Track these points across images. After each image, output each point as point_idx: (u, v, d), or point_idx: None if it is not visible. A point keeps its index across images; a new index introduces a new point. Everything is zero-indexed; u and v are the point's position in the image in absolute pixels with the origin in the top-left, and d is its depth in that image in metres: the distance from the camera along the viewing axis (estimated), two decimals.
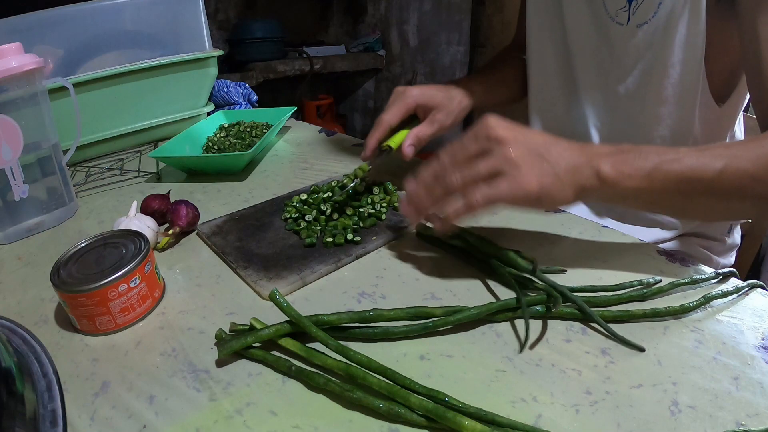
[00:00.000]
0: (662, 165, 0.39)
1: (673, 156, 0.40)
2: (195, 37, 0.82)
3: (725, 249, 0.70)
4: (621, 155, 0.39)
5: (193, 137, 0.76)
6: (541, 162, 0.38)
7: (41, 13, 0.69)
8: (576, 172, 0.39)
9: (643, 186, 0.39)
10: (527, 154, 0.38)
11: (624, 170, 0.39)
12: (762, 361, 0.32)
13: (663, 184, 0.39)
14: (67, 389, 0.32)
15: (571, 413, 0.29)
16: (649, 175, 0.39)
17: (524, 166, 0.38)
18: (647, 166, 0.39)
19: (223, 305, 0.40)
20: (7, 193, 0.52)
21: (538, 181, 0.38)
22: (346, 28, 2.86)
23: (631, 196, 0.40)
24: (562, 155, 0.39)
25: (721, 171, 0.39)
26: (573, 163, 0.39)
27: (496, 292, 0.40)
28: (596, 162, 0.39)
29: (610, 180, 0.39)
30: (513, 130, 0.40)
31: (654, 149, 0.40)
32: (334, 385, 0.30)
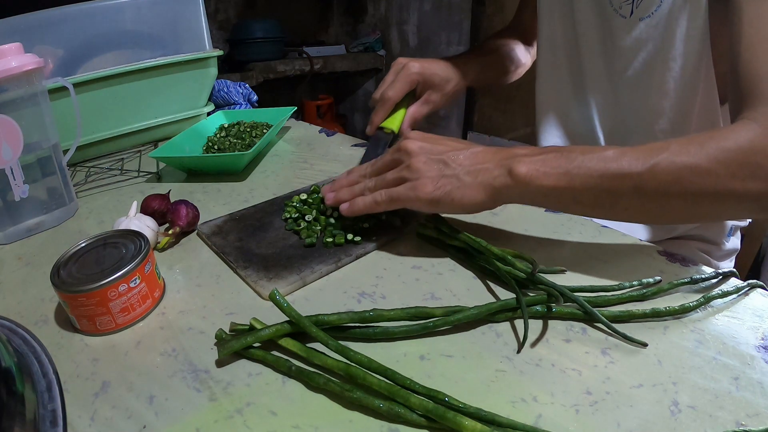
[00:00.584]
0: (584, 162, 0.38)
1: (600, 154, 0.38)
2: (195, 37, 0.82)
3: (724, 254, 0.70)
4: (541, 155, 0.40)
5: (193, 137, 0.76)
6: (443, 168, 0.42)
7: (41, 13, 0.69)
8: (483, 172, 0.41)
9: (561, 184, 0.38)
10: (429, 162, 0.43)
11: (540, 168, 0.39)
12: (762, 361, 0.32)
13: (584, 180, 0.38)
14: (67, 389, 0.32)
15: (571, 413, 0.29)
16: (568, 173, 0.38)
17: (423, 174, 0.42)
18: (567, 163, 0.39)
19: (223, 305, 0.40)
20: (7, 193, 0.52)
21: (433, 186, 0.42)
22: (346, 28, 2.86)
23: (551, 194, 0.39)
24: (470, 159, 0.42)
25: (653, 165, 0.36)
26: (481, 166, 0.41)
27: (496, 292, 0.40)
28: (510, 162, 0.40)
29: (523, 178, 0.39)
30: (423, 143, 0.44)
31: (583, 149, 0.39)
32: (334, 385, 0.30)
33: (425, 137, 0.46)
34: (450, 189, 0.41)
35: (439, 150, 0.44)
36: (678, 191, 0.37)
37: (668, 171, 0.36)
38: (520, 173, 0.39)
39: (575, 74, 0.69)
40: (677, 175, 0.36)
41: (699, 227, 0.67)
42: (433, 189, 0.41)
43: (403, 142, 0.45)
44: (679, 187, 0.37)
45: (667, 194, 0.37)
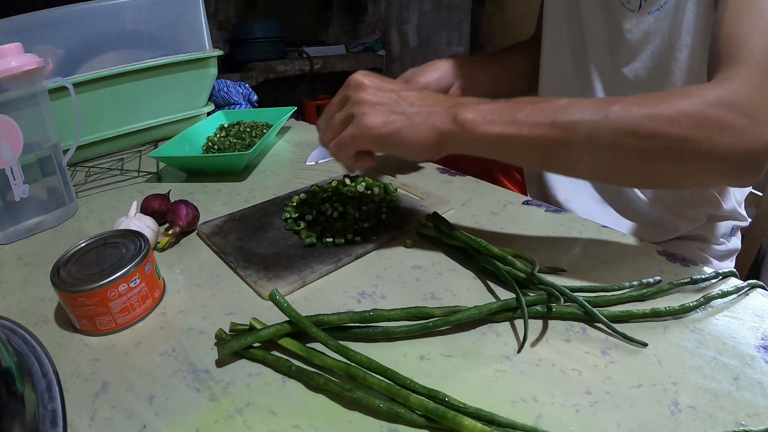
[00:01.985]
0: (534, 111, 0.37)
1: (551, 103, 0.37)
2: (195, 37, 0.82)
3: (725, 254, 0.70)
4: (490, 104, 0.39)
5: (193, 137, 0.76)
6: (393, 104, 0.40)
7: (41, 13, 0.69)
8: (432, 114, 0.39)
9: (508, 132, 0.37)
10: (379, 95, 0.40)
11: (486, 116, 0.38)
12: (762, 361, 0.32)
13: (533, 129, 0.36)
14: (67, 389, 0.32)
15: (571, 413, 0.29)
16: (516, 121, 0.37)
17: (371, 107, 0.40)
18: (515, 110, 0.37)
19: (223, 305, 0.40)
20: (7, 193, 0.52)
21: (381, 120, 0.39)
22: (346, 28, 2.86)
23: (497, 143, 0.38)
24: (420, 99, 0.40)
25: (608, 113, 0.35)
26: (431, 107, 0.40)
27: (496, 292, 0.40)
28: (457, 108, 0.39)
29: (468, 124, 0.38)
30: (374, 77, 0.42)
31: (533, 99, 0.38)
32: (334, 385, 0.30)
33: (371, 74, 0.43)
34: (399, 126, 0.39)
35: (389, 87, 0.41)
36: (634, 143, 0.34)
37: (624, 119, 0.34)
38: (465, 119, 0.38)
39: (580, 72, 0.68)
40: (634, 124, 0.34)
41: (700, 227, 0.67)
42: (381, 123, 0.39)
43: (352, 76, 0.43)
44: (635, 138, 0.34)
45: (623, 146, 0.35)
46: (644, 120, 0.34)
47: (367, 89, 0.41)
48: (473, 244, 0.42)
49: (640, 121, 0.34)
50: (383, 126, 0.39)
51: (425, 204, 0.54)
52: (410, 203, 0.54)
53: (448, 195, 0.57)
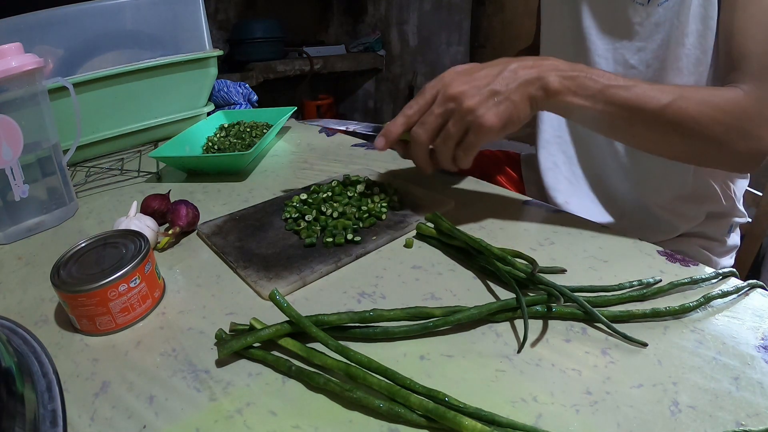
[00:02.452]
0: (608, 89, 0.44)
1: (623, 83, 0.44)
2: (195, 37, 0.82)
3: (725, 250, 0.70)
4: (572, 72, 0.44)
5: (193, 137, 0.76)
6: (495, 97, 0.43)
7: (41, 13, 0.69)
8: (526, 84, 0.44)
9: (586, 105, 0.44)
10: (482, 98, 0.43)
11: (570, 86, 0.44)
12: (762, 361, 0.32)
13: (606, 107, 0.44)
14: (67, 389, 0.32)
15: (571, 413, 0.29)
16: (593, 96, 0.44)
17: (482, 109, 0.43)
18: (594, 87, 0.44)
19: (223, 305, 0.40)
20: (7, 193, 0.52)
21: (496, 116, 0.43)
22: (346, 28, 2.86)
23: (576, 111, 0.45)
24: (514, 79, 0.44)
25: (665, 106, 0.44)
26: (523, 79, 0.44)
27: (496, 292, 0.40)
28: (546, 75, 0.44)
29: (555, 93, 0.44)
30: (466, 81, 0.44)
31: (608, 75, 0.45)
32: (334, 385, 0.30)
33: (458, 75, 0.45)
34: (510, 112, 0.43)
35: (485, 82, 0.44)
36: (679, 133, 0.46)
37: (676, 115, 0.44)
38: (553, 88, 0.44)
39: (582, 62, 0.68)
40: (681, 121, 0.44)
41: (701, 224, 0.67)
42: (497, 120, 0.43)
43: (445, 88, 0.45)
44: (682, 128, 0.45)
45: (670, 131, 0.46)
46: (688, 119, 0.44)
47: (468, 95, 0.43)
48: (473, 244, 0.42)
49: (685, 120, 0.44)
50: (499, 121, 0.43)
51: (425, 204, 0.54)
52: (410, 203, 0.54)
53: (448, 195, 0.57)
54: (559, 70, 0.44)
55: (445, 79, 0.46)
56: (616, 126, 0.47)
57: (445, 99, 0.45)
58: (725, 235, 0.70)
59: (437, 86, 0.46)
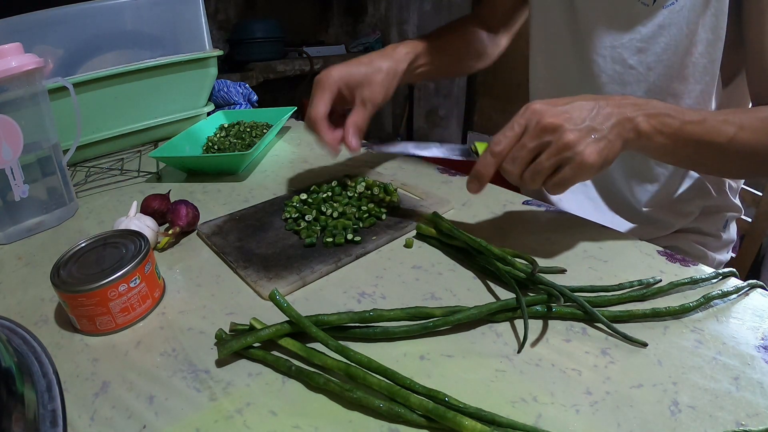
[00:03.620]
0: (685, 126, 0.45)
1: (696, 118, 0.46)
2: (195, 37, 0.82)
3: (721, 245, 0.70)
4: (652, 110, 0.45)
5: (193, 137, 0.76)
6: (594, 133, 0.42)
7: (41, 13, 0.69)
8: (620, 127, 0.43)
9: (669, 143, 0.45)
10: (581, 133, 0.42)
11: (657, 127, 0.44)
12: (762, 361, 0.32)
13: (684, 143, 0.46)
14: (67, 389, 0.32)
15: (571, 413, 0.29)
16: (675, 134, 0.45)
17: (581, 146, 0.41)
18: (673, 125, 0.45)
19: (223, 305, 0.40)
20: (7, 193, 0.52)
21: (597, 154, 0.41)
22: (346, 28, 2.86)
23: (659, 149, 0.46)
24: (608, 117, 0.43)
25: (731, 139, 0.46)
26: (617, 120, 0.43)
27: (496, 292, 0.40)
28: (635, 117, 0.44)
29: (646, 135, 0.44)
30: (561, 113, 0.42)
31: (676, 110, 0.46)
32: (334, 385, 0.30)
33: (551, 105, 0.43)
34: (608, 151, 0.42)
35: (581, 116, 0.43)
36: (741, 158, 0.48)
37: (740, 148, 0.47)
38: (644, 131, 0.44)
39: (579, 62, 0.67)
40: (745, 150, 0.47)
41: (696, 220, 0.67)
42: (597, 158, 0.42)
43: (539, 119, 0.42)
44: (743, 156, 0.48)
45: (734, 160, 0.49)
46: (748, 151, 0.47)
47: (566, 129, 0.41)
48: (473, 244, 0.42)
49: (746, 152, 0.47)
50: (600, 159, 0.42)
51: (425, 204, 0.54)
52: (410, 203, 0.54)
53: (448, 195, 0.57)
54: (641, 109, 0.44)
55: (536, 111, 0.43)
56: (685, 157, 0.49)
57: (540, 131, 0.42)
58: (720, 230, 0.70)
59: (527, 116, 0.43)
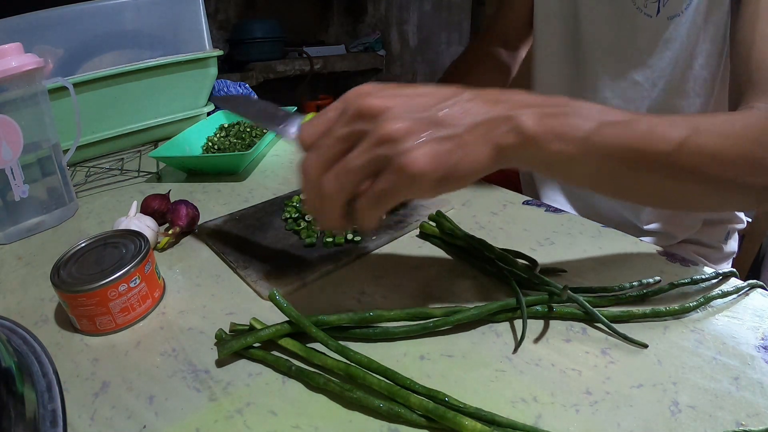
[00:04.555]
0: (605, 128, 0.31)
1: (621, 117, 0.32)
2: (195, 37, 0.82)
3: (722, 257, 0.69)
4: (553, 108, 0.31)
5: (193, 137, 0.76)
6: (434, 128, 0.28)
7: (41, 13, 0.69)
8: (489, 126, 0.29)
9: (577, 153, 0.30)
10: (414, 124, 0.28)
11: (554, 127, 0.30)
12: (762, 361, 0.32)
13: (604, 152, 0.31)
14: (67, 389, 0.32)
15: (571, 413, 0.29)
16: (586, 139, 0.30)
17: (409, 141, 0.28)
18: (585, 126, 0.30)
19: (223, 305, 0.40)
20: (7, 193, 0.52)
21: (431, 158, 0.28)
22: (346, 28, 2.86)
23: (562, 163, 0.31)
24: (467, 109, 0.30)
25: (680, 144, 0.31)
26: (483, 117, 0.29)
27: (497, 292, 0.40)
28: (517, 113, 0.30)
29: (534, 138, 0.30)
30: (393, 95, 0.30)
31: (596, 107, 0.32)
32: (334, 385, 0.30)
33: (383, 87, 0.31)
34: (458, 159, 0.29)
35: (417, 103, 0.29)
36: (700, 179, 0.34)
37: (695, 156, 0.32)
38: (531, 131, 0.30)
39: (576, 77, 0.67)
40: (702, 163, 0.33)
41: (697, 232, 0.67)
42: (433, 163, 0.28)
43: (358, 100, 0.30)
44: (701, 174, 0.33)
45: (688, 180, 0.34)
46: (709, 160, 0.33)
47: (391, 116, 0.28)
48: (474, 244, 0.42)
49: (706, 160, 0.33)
50: (434, 166, 0.28)
51: (425, 204, 0.54)
52: (410, 203, 0.54)
53: (448, 195, 0.57)
54: (535, 106, 0.31)
55: (361, 91, 0.31)
56: (615, 177, 0.33)
57: (356, 115, 0.29)
58: (722, 241, 0.69)
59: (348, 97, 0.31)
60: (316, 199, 0.31)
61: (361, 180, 0.29)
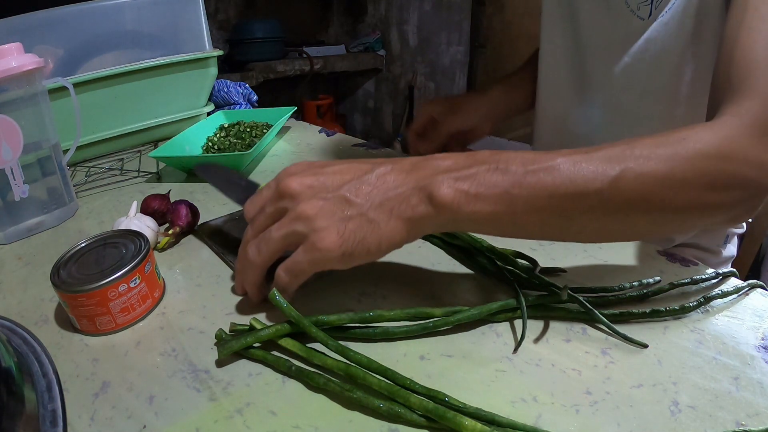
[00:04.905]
0: (526, 178, 0.30)
1: (546, 163, 0.31)
2: (195, 37, 0.82)
3: (720, 261, 0.69)
4: (469, 170, 0.31)
5: (193, 137, 0.76)
6: (344, 207, 0.32)
7: (41, 13, 0.69)
8: (398, 200, 0.31)
9: (499, 209, 0.31)
10: (324, 203, 0.32)
11: (469, 189, 0.31)
12: (762, 361, 0.32)
13: (529, 202, 0.30)
14: (67, 389, 0.32)
15: (571, 413, 0.29)
16: (506, 193, 0.30)
17: (320, 221, 0.32)
18: (505, 181, 0.30)
19: (223, 305, 0.40)
20: (7, 193, 0.52)
21: (338, 237, 0.31)
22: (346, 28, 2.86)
23: (485, 221, 0.32)
24: (376, 186, 0.32)
25: (615, 179, 0.30)
26: (393, 193, 0.32)
27: (497, 292, 0.40)
28: (428, 183, 0.31)
29: (448, 204, 0.30)
30: (310, 174, 0.34)
31: (521, 156, 0.32)
32: (334, 385, 0.30)
33: (308, 167, 0.35)
34: (362, 235, 0.32)
35: (332, 183, 0.33)
36: (645, 208, 0.32)
37: (634, 185, 0.30)
38: (444, 199, 0.30)
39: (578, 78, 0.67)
40: (646, 190, 0.31)
41: (695, 236, 0.66)
42: (338, 240, 0.31)
43: (282, 181, 0.34)
44: (646, 203, 0.31)
45: (632, 211, 0.32)
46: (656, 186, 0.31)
47: (306, 197, 0.32)
48: (475, 244, 0.42)
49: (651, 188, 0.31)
50: (343, 244, 0.31)
51: None
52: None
53: None
54: (451, 171, 0.31)
55: (287, 171, 0.35)
56: (548, 224, 0.32)
57: (280, 194, 0.34)
58: (720, 245, 0.68)
59: (279, 176, 0.35)
60: (240, 263, 0.37)
61: (279, 250, 0.34)
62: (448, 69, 2.40)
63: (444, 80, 2.44)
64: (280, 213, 0.34)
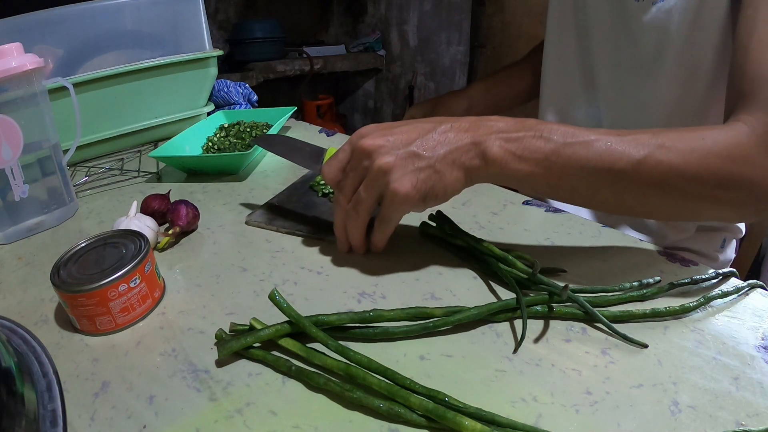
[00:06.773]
0: (564, 149, 0.35)
1: (583, 138, 0.36)
2: (195, 37, 0.82)
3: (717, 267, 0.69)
4: (517, 133, 0.36)
5: (193, 137, 0.76)
6: (414, 160, 0.37)
7: (41, 13, 0.69)
8: (458, 153, 0.37)
9: (537, 171, 0.36)
10: (397, 159, 0.37)
11: (515, 151, 0.36)
12: (762, 361, 0.32)
13: (563, 170, 0.36)
14: (67, 389, 0.32)
15: (571, 413, 0.29)
16: (546, 159, 0.36)
17: (396, 173, 0.37)
18: (546, 148, 0.36)
19: (223, 305, 0.40)
20: (7, 193, 0.52)
21: (412, 185, 0.36)
22: (346, 28, 2.86)
23: (525, 180, 0.37)
24: (441, 141, 0.37)
25: (639, 162, 0.35)
26: (454, 146, 0.37)
27: (497, 292, 0.40)
28: (483, 140, 0.36)
29: (498, 161, 0.36)
30: (381, 135, 0.38)
31: (563, 128, 0.37)
32: (334, 385, 0.30)
33: (376, 128, 0.40)
34: (432, 183, 0.37)
35: (401, 140, 0.38)
36: (661, 192, 0.36)
37: (653, 171, 0.35)
38: (494, 156, 0.36)
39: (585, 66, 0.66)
40: (663, 177, 0.35)
41: (690, 239, 0.66)
42: (414, 189, 0.37)
43: (356, 143, 0.39)
44: (662, 189, 0.36)
45: (650, 193, 0.37)
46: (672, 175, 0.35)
47: (381, 153, 0.37)
48: (475, 244, 0.42)
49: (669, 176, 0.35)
50: (416, 191, 0.37)
51: None
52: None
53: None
54: (502, 132, 0.37)
55: (360, 133, 0.40)
56: (575, 190, 0.38)
57: (359, 156, 0.39)
58: (717, 250, 0.67)
59: (352, 140, 0.40)
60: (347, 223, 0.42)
61: (372, 206, 0.39)
62: (448, 69, 2.40)
63: (444, 80, 2.44)
64: (362, 172, 0.39)
